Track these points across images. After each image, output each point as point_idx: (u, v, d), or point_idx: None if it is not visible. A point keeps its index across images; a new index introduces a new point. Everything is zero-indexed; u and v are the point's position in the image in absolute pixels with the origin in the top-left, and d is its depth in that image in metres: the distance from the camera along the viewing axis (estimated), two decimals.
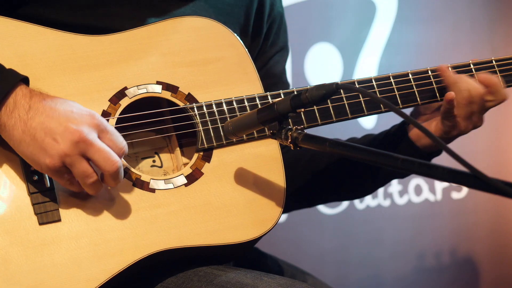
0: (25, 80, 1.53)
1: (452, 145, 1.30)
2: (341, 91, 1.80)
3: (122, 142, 1.53)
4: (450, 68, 1.87)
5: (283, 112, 1.53)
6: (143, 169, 1.75)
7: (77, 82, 1.63)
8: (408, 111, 1.99)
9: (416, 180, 3.70)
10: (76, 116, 1.49)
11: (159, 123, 1.73)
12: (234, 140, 1.71)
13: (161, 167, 1.77)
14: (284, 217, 3.38)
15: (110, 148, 1.50)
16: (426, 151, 1.89)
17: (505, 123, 3.85)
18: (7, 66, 1.55)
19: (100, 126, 1.51)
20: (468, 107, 1.82)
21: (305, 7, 3.37)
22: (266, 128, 1.69)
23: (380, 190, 3.61)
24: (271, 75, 2.04)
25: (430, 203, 3.74)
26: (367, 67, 3.51)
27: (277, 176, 1.72)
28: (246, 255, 1.99)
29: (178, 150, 1.76)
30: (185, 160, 1.76)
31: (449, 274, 3.81)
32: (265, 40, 2.02)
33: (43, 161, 1.47)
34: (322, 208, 3.49)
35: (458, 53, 3.65)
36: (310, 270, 2.14)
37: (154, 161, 1.76)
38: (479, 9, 3.75)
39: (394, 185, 3.65)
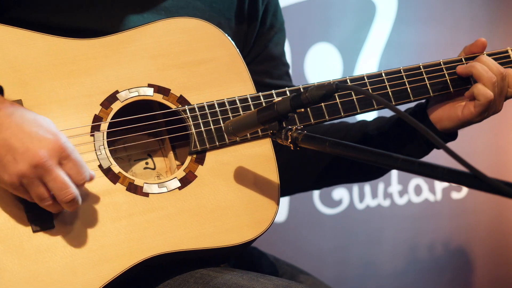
0: None
1: (452, 145, 1.30)
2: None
3: (83, 172, 1.51)
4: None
5: (283, 112, 1.52)
6: (136, 172, 1.75)
7: (68, 87, 1.62)
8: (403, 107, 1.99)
9: (416, 180, 3.70)
10: (40, 138, 1.47)
11: (152, 126, 1.73)
12: (228, 141, 1.71)
13: (154, 169, 1.76)
14: (283, 217, 3.39)
15: (70, 176, 1.49)
16: (444, 133, 1.90)
17: (505, 123, 3.85)
18: None
19: (63, 152, 1.48)
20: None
21: (305, 7, 3.37)
22: (259, 129, 1.70)
23: (380, 190, 3.61)
24: (271, 58, 2.03)
25: (430, 203, 3.74)
26: (367, 67, 3.50)
27: (271, 176, 1.72)
28: (244, 255, 1.99)
29: (171, 153, 1.76)
30: (178, 162, 1.76)
31: (448, 274, 3.81)
32: (263, 24, 2.01)
33: (2, 176, 1.47)
34: (322, 208, 3.49)
35: (458, 53, 3.64)
36: (309, 270, 2.14)
37: (147, 163, 1.76)
38: (479, 9, 3.75)
39: (394, 185, 3.65)
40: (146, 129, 1.73)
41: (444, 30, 3.69)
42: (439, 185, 3.76)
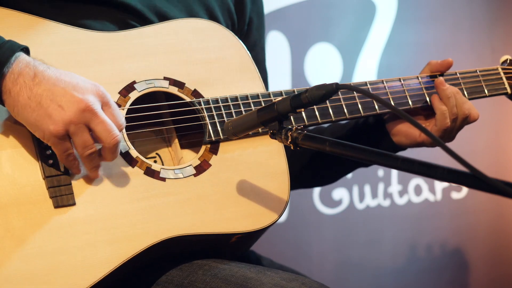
0: (26, 50, 1.54)
1: (452, 145, 1.29)
2: (340, 92, 1.85)
3: (122, 118, 1.56)
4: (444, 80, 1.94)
5: (283, 112, 1.53)
6: None
7: (87, 75, 1.65)
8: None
9: (416, 180, 3.70)
10: (82, 86, 1.51)
11: (165, 116, 1.77)
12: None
13: None
14: (283, 217, 3.38)
15: (112, 121, 1.53)
16: (399, 146, 1.99)
17: (505, 123, 3.85)
18: None
19: (104, 98, 1.53)
20: (453, 123, 1.91)
21: (305, 7, 3.37)
22: (259, 129, 1.73)
23: (380, 190, 3.61)
24: (255, 62, 2.06)
25: (430, 203, 3.74)
26: (367, 67, 3.50)
27: (281, 167, 1.77)
28: (241, 259, 2.00)
29: (178, 148, 1.79)
30: (185, 158, 1.78)
31: (448, 274, 3.81)
32: (250, 22, 2.06)
33: (47, 127, 1.48)
34: (322, 208, 3.49)
35: (458, 53, 3.65)
36: (309, 270, 2.15)
37: (155, 162, 1.78)
38: (479, 9, 3.75)
39: (394, 185, 3.65)
40: (157, 123, 1.76)
41: (444, 30, 3.69)
42: (439, 185, 3.76)
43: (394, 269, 3.68)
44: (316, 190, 3.47)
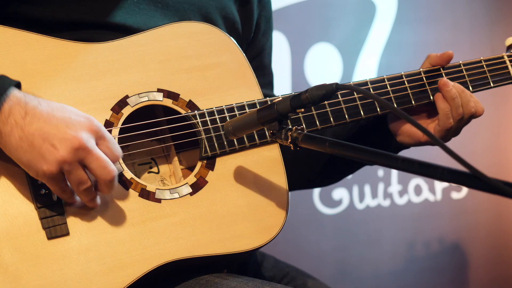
0: (17, 85, 1.49)
1: (452, 145, 1.29)
2: (339, 94, 1.81)
3: (117, 150, 1.51)
4: (447, 78, 1.89)
5: (283, 112, 1.52)
6: (140, 176, 1.74)
7: (78, 91, 1.61)
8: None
9: (416, 180, 3.70)
10: (74, 122, 1.46)
11: (160, 132, 1.73)
12: (237, 147, 1.71)
13: (157, 173, 1.76)
14: None
15: (107, 155, 1.49)
16: (402, 145, 1.96)
17: (505, 123, 3.85)
18: (6, 74, 1.51)
19: (98, 133, 1.48)
20: (459, 122, 1.86)
21: (305, 7, 3.37)
22: (266, 132, 1.71)
23: (380, 190, 3.61)
24: (262, 66, 2.04)
25: (430, 203, 3.74)
26: (367, 67, 3.50)
27: (280, 181, 1.73)
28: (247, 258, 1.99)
29: (175, 158, 1.76)
30: (182, 166, 1.76)
31: (448, 274, 3.81)
32: (257, 29, 2.02)
33: (40, 167, 1.44)
34: (322, 208, 3.49)
35: (458, 53, 3.62)
36: (309, 270, 2.14)
37: (150, 167, 1.76)
38: (479, 9, 3.75)
39: (394, 185, 3.65)
40: (155, 134, 1.72)
41: (444, 30, 3.69)
42: (439, 185, 3.76)
43: (393, 269, 3.68)
44: (316, 190, 3.47)
